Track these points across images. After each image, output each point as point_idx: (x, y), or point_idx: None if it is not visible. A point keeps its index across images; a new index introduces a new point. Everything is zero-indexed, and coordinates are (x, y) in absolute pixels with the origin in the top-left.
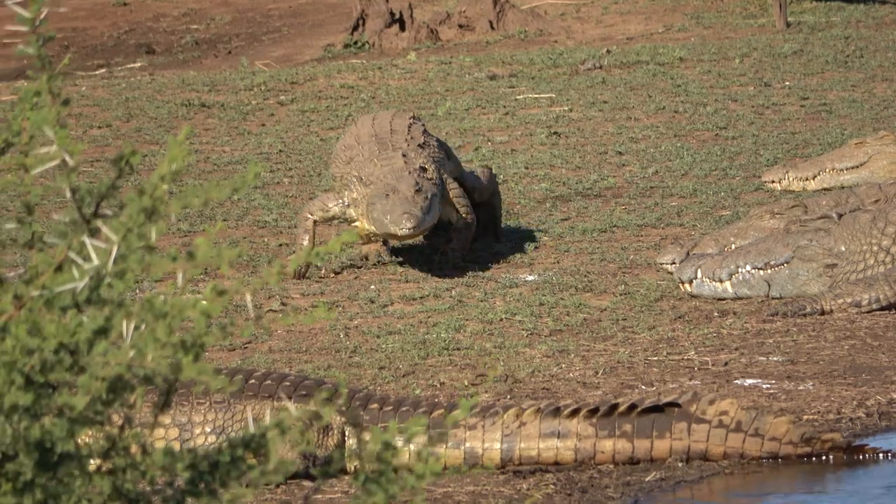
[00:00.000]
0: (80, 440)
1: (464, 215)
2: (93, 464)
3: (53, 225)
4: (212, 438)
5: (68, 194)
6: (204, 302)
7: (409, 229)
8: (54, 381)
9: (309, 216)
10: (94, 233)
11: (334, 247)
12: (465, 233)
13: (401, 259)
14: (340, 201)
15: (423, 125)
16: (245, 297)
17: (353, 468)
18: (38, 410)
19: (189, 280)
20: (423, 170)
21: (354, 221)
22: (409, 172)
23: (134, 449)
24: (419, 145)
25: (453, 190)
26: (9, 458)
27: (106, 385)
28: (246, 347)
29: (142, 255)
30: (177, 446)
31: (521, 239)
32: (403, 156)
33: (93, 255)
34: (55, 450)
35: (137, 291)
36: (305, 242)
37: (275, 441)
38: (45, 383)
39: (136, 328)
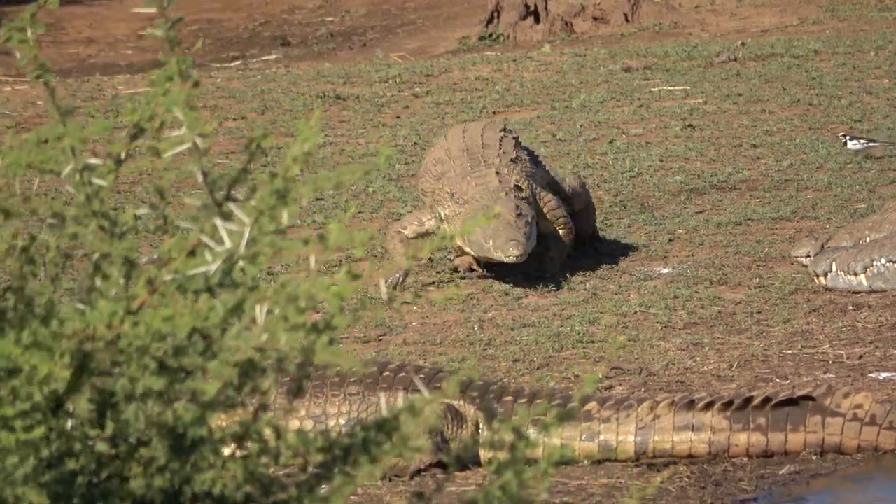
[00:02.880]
0: (214, 425)
1: (561, 226)
2: (227, 449)
3: (186, 210)
4: (346, 430)
5: (199, 178)
6: (336, 285)
7: (517, 257)
8: (187, 367)
9: (401, 230)
10: (227, 217)
11: (425, 252)
12: (563, 242)
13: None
14: (434, 217)
15: (515, 137)
16: (379, 283)
17: (487, 460)
18: (171, 396)
19: (322, 264)
20: (518, 188)
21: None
22: (506, 193)
23: (267, 434)
24: (511, 160)
25: (549, 203)
26: (142, 444)
27: (237, 370)
28: (380, 340)
29: (273, 238)
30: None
31: (655, 232)
32: (497, 173)
33: (225, 238)
34: (187, 435)
35: (270, 277)
36: (402, 250)
37: (407, 424)
38: (178, 368)
39: (269, 312)
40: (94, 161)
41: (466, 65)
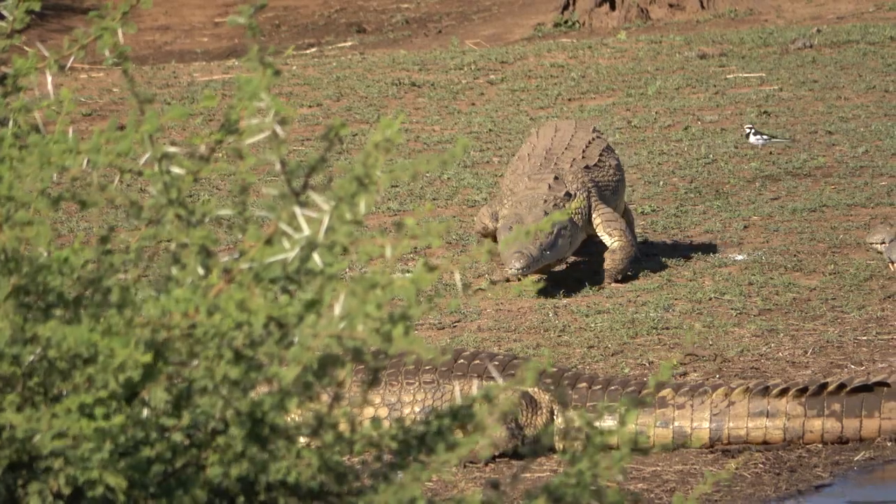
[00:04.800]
0: (289, 416)
1: (616, 238)
2: (302, 439)
3: (263, 200)
4: (421, 418)
5: (278, 166)
6: (411, 274)
7: (517, 269)
8: (263, 356)
9: (482, 237)
10: (304, 206)
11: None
12: (618, 254)
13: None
14: (491, 216)
15: (607, 142)
16: (454, 274)
17: (561, 446)
18: (248, 384)
19: (399, 257)
20: (569, 197)
21: None
22: (545, 201)
23: (342, 424)
24: (586, 167)
25: (603, 214)
26: (218, 431)
27: (316, 356)
28: (455, 326)
29: (351, 228)
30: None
31: (730, 218)
32: (556, 178)
33: (303, 226)
34: (265, 422)
35: (348, 270)
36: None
37: (482, 413)
38: (253, 358)
39: (346, 301)
40: (171, 150)
41: (542, 52)
